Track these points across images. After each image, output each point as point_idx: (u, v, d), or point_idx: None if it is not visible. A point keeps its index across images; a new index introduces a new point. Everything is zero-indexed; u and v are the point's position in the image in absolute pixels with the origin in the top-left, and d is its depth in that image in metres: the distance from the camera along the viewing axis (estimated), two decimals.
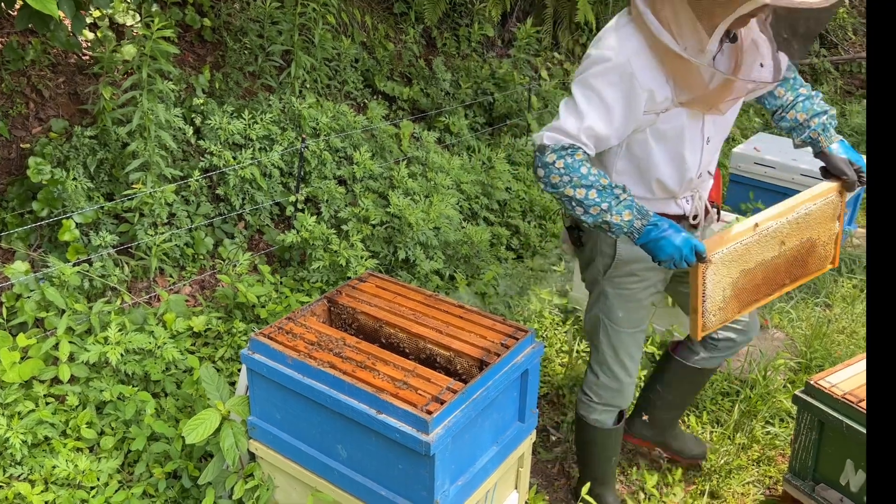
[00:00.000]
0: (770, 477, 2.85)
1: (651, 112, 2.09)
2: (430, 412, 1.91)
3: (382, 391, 1.99)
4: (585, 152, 2.10)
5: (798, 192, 4.85)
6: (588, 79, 2.07)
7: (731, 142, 6.25)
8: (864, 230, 5.05)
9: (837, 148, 2.32)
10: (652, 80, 2.05)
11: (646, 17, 2.01)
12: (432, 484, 1.95)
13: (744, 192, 4.83)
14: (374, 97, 5.37)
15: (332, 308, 2.46)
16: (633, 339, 2.45)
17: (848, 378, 2.27)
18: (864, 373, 2.28)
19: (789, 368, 3.37)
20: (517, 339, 2.23)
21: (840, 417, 2.19)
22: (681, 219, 2.30)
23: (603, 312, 2.43)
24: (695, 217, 2.32)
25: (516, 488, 2.45)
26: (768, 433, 3.00)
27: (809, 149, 2.37)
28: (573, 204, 2.08)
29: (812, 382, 2.28)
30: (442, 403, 1.94)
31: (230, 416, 2.35)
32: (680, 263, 2.05)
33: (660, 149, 2.17)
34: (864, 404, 2.16)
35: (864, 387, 2.22)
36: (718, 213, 2.50)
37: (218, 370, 3.12)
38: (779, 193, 4.70)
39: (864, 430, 2.13)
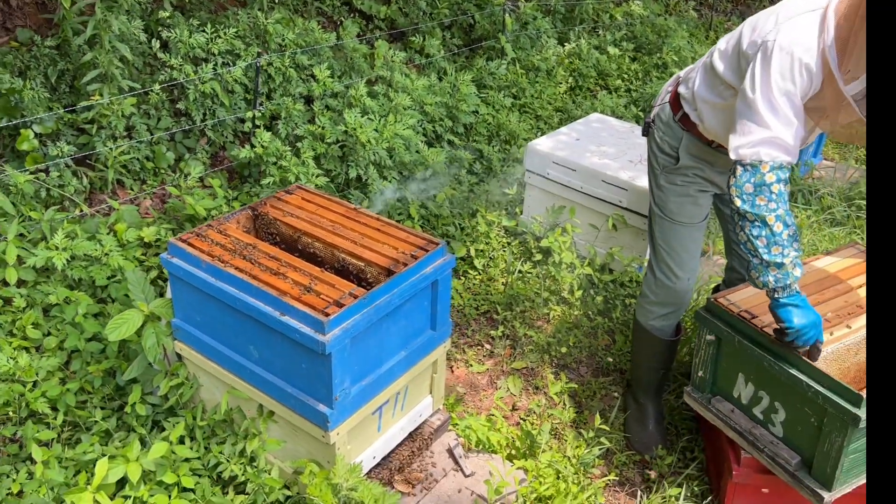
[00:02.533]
0: None
1: None
2: (327, 314, 2.01)
3: (286, 294, 2.09)
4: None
5: None
6: (783, 78, 2.00)
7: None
8: (828, 162, 5.04)
9: None
10: (816, 77, 2.00)
11: (828, 23, 1.95)
12: (331, 381, 2.06)
13: None
14: (351, 15, 5.32)
15: (256, 218, 2.54)
16: (688, 233, 2.51)
17: (746, 297, 2.34)
18: (761, 293, 2.35)
19: None
20: (428, 251, 2.31)
21: (734, 334, 2.28)
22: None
23: (657, 205, 2.55)
24: None
25: (431, 393, 2.57)
26: (690, 350, 3.10)
27: None
28: (761, 231, 2.03)
29: (712, 299, 2.35)
30: (341, 307, 2.04)
31: (161, 321, 2.46)
32: (805, 340, 2.06)
33: None
34: (756, 321, 2.24)
35: (759, 305, 2.29)
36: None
37: (165, 280, 3.24)
38: None
39: (754, 345, 2.22)
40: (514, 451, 2.64)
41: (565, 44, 5.96)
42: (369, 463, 2.40)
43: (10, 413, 2.56)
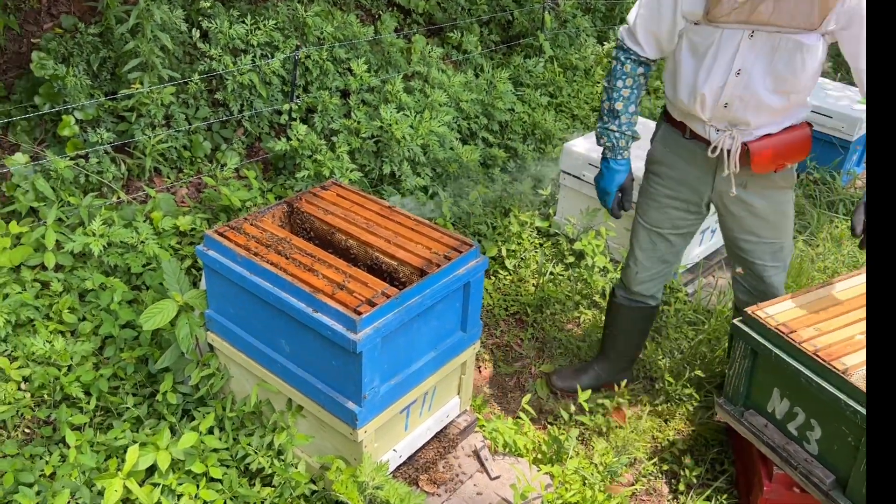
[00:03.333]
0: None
1: (687, 17, 2.18)
2: (359, 313, 2.00)
3: (319, 291, 2.09)
4: (640, 60, 2.33)
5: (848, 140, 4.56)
6: None
7: None
8: None
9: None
10: None
11: None
12: (360, 380, 2.06)
13: None
14: (389, 9, 5.31)
15: (291, 213, 2.54)
16: (646, 235, 2.63)
17: (784, 310, 2.29)
18: (800, 307, 2.30)
19: None
20: (461, 252, 2.29)
21: (771, 347, 2.23)
22: (707, 143, 2.37)
23: (638, 199, 2.68)
24: (714, 150, 2.35)
25: (458, 394, 2.56)
26: (723, 360, 3.05)
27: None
28: (602, 95, 2.47)
29: (749, 312, 2.31)
30: (373, 306, 2.04)
31: (194, 311, 2.49)
32: (599, 195, 2.54)
33: (686, 60, 2.26)
34: (794, 335, 2.19)
35: (797, 320, 2.24)
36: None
37: (199, 269, 3.27)
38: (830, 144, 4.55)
39: (791, 360, 2.18)
40: (540, 456, 2.63)
41: (604, 43, 5.90)
42: (395, 462, 2.40)
43: (45, 396, 2.61)
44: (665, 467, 2.69)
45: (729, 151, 2.32)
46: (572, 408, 2.66)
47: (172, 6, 3.90)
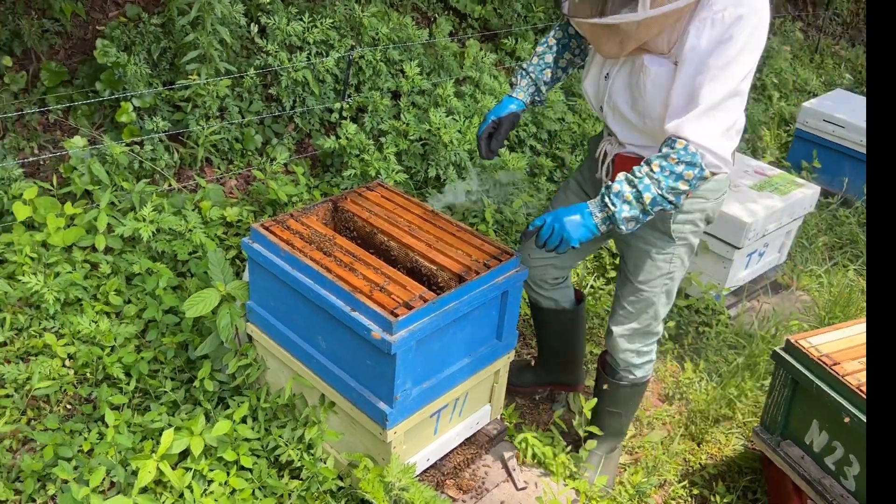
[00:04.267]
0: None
1: None
2: (396, 315, 2.02)
3: (358, 291, 2.11)
4: (566, 33, 2.41)
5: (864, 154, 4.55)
6: None
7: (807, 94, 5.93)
8: None
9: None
10: None
11: None
12: (393, 381, 2.08)
13: (807, 149, 4.63)
14: (445, 13, 5.33)
15: (336, 211, 2.57)
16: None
17: (828, 341, 2.24)
18: (846, 339, 2.25)
19: (802, 331, 3.32)
20: (501, 261, 2.29)
21: (812, 378, 2.18)
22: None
23: None
24: (595, 151, 2.38)
25: (490, 402, 2.56)
26: (762, 387, 2.99)
27: None
28: None
29: (791, 340, 2.26)
30: (410, 309, 2.05)
31: (236, 301, 2.53)
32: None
33: (588, 57, 2.34)
34: (837, 367, 2.14)
35: (842, 352, 2.19)
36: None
37: (243, 259, 3.32)
38: (844, 154, 4.49)
39: (833, 393, 2.12)
40: (568, 470, 2.60)
41: None
42: (423, 465, 2.41)
43: (88, 374, 2.68)
44: (696, 491, 2.65)
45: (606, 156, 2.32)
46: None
47: (233, 1, 3.98)
